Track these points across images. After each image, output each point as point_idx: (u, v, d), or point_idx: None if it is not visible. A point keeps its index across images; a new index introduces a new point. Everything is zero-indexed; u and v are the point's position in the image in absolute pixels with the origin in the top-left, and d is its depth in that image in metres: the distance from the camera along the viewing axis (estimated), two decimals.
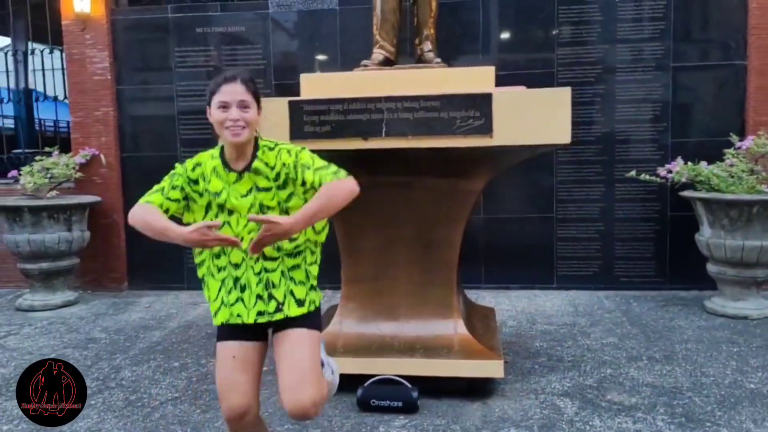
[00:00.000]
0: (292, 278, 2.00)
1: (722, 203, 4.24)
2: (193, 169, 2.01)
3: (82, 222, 5.23)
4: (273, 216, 1.88)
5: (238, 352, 1.97)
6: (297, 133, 2.81)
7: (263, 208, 1.96)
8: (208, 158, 2.02)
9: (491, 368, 3.00)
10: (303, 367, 1.92)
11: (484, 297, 5.02)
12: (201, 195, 2.00)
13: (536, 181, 5.27)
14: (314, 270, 2.07)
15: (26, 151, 6.39)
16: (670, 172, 4.60)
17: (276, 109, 2.81)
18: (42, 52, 6.17)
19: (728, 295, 4.42)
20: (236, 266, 1.98)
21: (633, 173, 4.76)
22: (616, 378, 3.30)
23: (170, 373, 3.56)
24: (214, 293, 2.01)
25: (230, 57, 5.45)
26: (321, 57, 5.40)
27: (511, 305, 4.81)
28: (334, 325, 3.24)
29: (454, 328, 3.16)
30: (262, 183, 1.97)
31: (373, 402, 2.94)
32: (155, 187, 2.03)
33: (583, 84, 5.07)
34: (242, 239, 1.93)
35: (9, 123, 8.51)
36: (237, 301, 1.98)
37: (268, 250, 1.96)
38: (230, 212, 1.96)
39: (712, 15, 5.02)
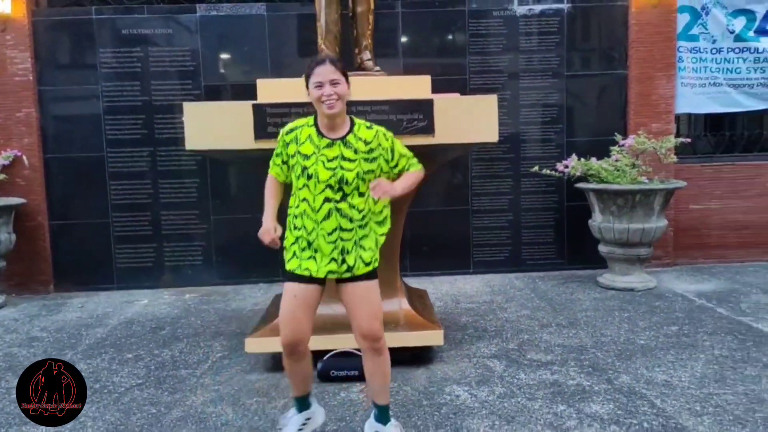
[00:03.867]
0: (362, 246, 2.40)
1: (610, 193, 4.97)
2: (288, 132, 2.40)
3: (8, 224, 5.15)
4: (382, 180, 2.35)
5: (298, 293, 2.38)
6: (261, 133, 3.11)
7: (343, 179, 2.31)
8: (305, 125, 2.40)
9: (433, 337, 3.46)
10: (374, 307, 2.43)
11: (410, 284, 5.47)
12: (291, 156, 2.37)
13: (454, 178, 5.83)
14: (382, 240, 2.49)
15: None
16: (566, 167, 5.29)
17: (241, 112, 3.11)
18: None
19: (617, 271, 5.17)
20: (309, 232, 2.35)
21: (536, 168, 5.43)
22: (533, 341, 3.88)
23: (127, 364, 3.72)
24: (290, 242, 2.42)
25: (158, 59, 5.55)
26: (250, 61, 5.61)
27: (435, 289, 5.31)
28: None
29: (399, 305, 3.60)
30: (348, 154, 2.34)
31: (333, 373, 3.31)
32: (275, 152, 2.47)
33: (491, 90, 5.66)
34: (315, 201, 2.32)
35: None
36: (309, 258, 2.37)
37: (345, 223, 2.35)
38: (309, 176, 2.31)
39: (599, 30, 5.80)
